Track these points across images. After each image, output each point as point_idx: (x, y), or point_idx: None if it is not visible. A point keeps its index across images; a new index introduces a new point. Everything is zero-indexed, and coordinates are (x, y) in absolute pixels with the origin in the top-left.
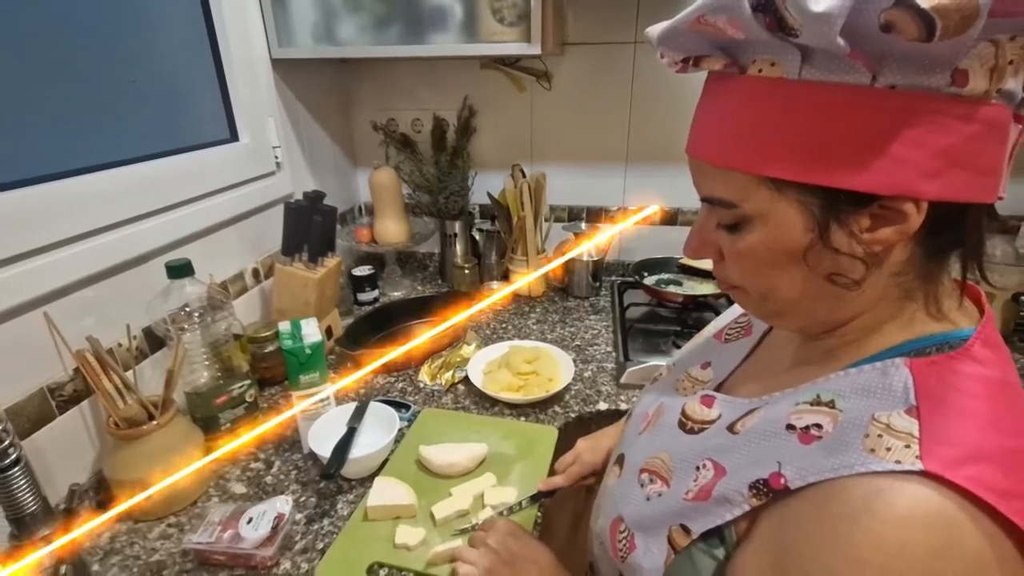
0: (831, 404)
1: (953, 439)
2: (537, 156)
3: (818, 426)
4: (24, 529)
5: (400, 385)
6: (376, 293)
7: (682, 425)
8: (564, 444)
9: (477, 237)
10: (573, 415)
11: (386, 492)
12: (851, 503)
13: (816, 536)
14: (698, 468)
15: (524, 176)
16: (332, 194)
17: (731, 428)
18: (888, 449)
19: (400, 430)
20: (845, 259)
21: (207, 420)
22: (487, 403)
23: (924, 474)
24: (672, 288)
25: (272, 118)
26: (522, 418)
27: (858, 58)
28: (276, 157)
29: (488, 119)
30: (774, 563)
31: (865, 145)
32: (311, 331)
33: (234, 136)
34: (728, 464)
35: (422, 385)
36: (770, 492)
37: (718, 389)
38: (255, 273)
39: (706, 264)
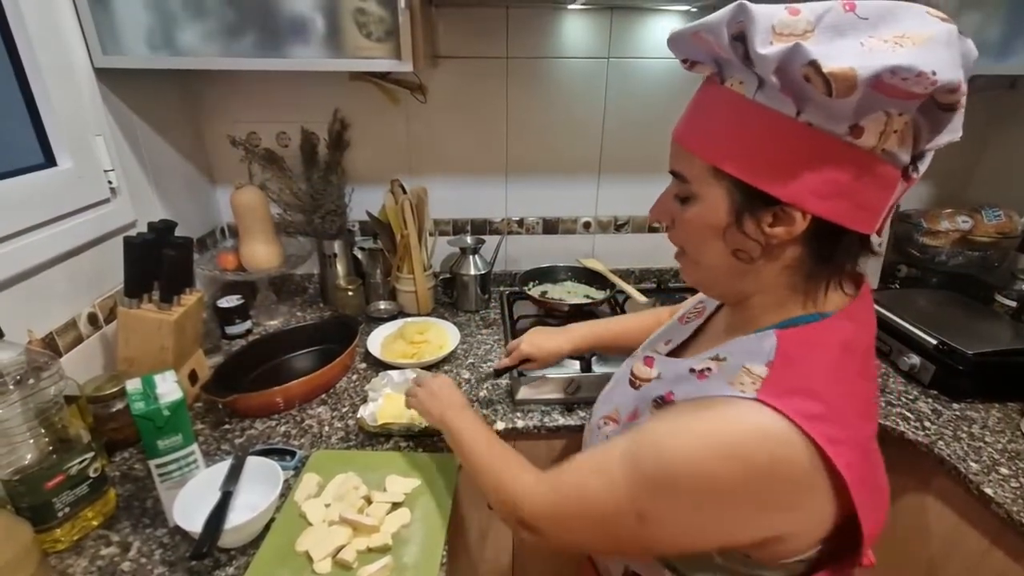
0: (721, 358)
1: (784, 382)
2: (416, 169)
3: (708, 369)
4: None
5: (283, 428)
6: (248, 324)
7: (631, 383)
8: (467, 480)
9: (359, 256)
10: None
11: None
12: (701, 405)
13: (667, 416)
14: (636, 409)
15: (404, 191)
16: (188, 218)
17: (659, 377)
18: (742, 384)
19: (286, 481)
20: (750, 242)
21: (38, 509)
22: (381, 438)
23: (756, 400)
24: (559, 295)
25: (101, 137)
26: (420, 449)
27: (788, 95)
28: (110, 182)
29: (362, 132)
30: (632, 433)
31: (780, 161)
32: (168, 388)
33: (50, 160)
34: (650, 395)
35: (310, 427)
36: (663, 403)
37: (673, 355)
38: (92, 319)
39: (599, 266)
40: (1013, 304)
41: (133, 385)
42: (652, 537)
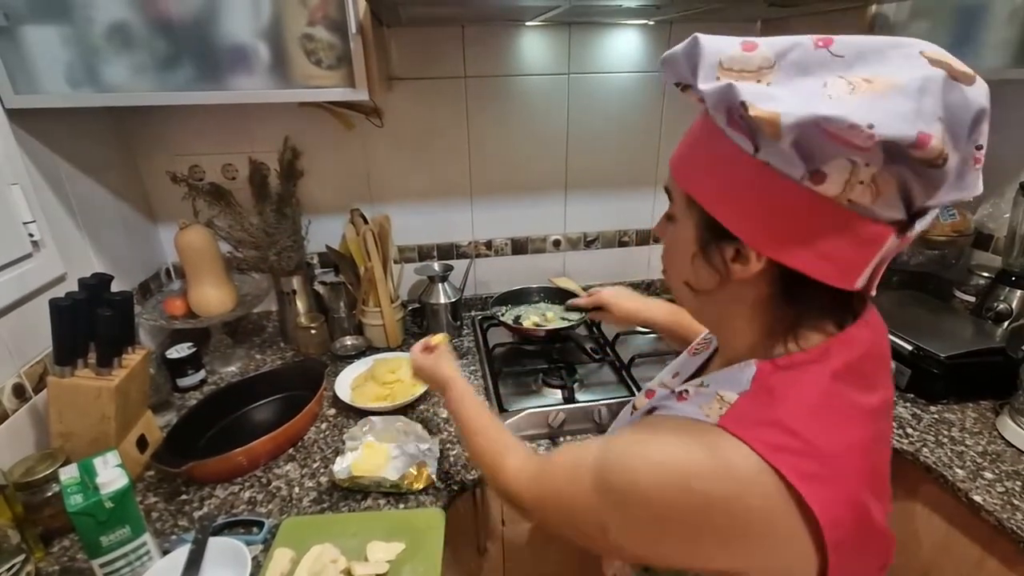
0: (704, 385)
1: (753, 412)
2: (377, 196)
3: (687, 392)
4: None
5: (248, 494)
6: (202, 375)
7: (631, 413)
8: (453, 525)
9: (321, 291)
10: (456, 487)
11: None
12: (669, 426)
13: (640, 429)
14: None
15: (365, 221)
16: (128, 263)
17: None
18: (710, 409)
19: (255, 558)
20: (710, 272)
21: None
22: (358, 495)
23: (717, 426)
24: (534, 318)
25: (18, 186)
26: (401, 505)
27: (741, 132)
28: (31, 235)
29: (316, 160)
30: (607, 440)
31: (738, 197)
32: (111, 475)
33: None
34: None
35: (278, 489)
36: (649, 413)
37: None
38: (18, 390)
39: (572, 284)
40: (971, 299)
41: (68, 474)
42: (617, 545)
